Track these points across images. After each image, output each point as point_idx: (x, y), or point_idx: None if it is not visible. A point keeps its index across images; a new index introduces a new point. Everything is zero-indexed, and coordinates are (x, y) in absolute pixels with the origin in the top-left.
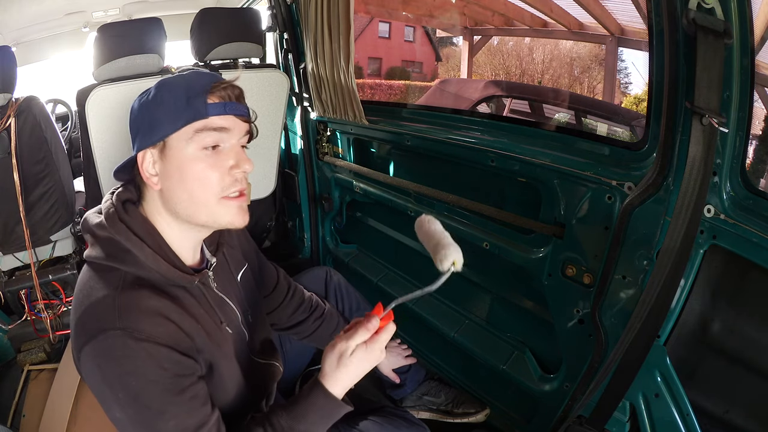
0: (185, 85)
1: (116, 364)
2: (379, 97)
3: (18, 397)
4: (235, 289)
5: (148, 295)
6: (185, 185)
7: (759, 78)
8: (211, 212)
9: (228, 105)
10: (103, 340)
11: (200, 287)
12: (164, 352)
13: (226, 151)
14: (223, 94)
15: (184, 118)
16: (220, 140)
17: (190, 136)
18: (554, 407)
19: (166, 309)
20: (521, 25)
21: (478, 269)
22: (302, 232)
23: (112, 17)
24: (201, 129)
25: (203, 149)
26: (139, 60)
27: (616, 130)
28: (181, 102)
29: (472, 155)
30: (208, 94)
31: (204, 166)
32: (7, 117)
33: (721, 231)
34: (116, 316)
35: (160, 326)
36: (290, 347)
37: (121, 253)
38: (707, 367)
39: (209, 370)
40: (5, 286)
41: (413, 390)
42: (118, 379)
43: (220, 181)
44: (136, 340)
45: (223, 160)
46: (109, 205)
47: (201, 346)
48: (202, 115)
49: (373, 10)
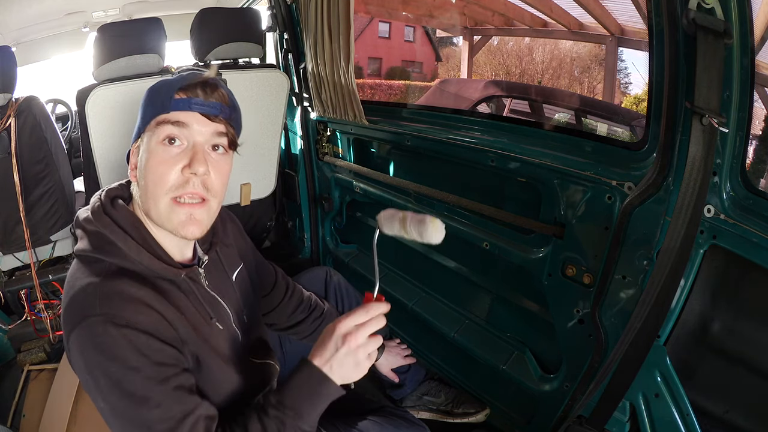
0: (169, 82)
1: (97, 351)
2: (379, 97)
3: (18, 397)
4: (228, 289)
5: (130, 283)
6: (144, 179)
7: (759, 78)
8: (159, 212)
9: (194, 101)
10: (86, 327)
11: (189, 282)
12: (144, 339)
13: (185, 148)
14: (194, 91)
15: (151, 112)
16: (177, 135)
17: (153, 129)
18: (554, 407)
19: (149, 297)
20: (521, 25)
21: (478, 269)
22: (302, 232)
23: (112, 17)
24: (161, 122)
25: (161, 143)
26: (139, 60)
27: (616, 130)
28: (155, 97)
29: (472, 155)
30: (179, 90)
31: (158, 160)
32: (7, 117)
33: (721, 231)
34: (97, 303)
35: (141, 313)
36: (290, 347)
37: (106, 245)
38: (707, 367)
39: (196, 364)
40: (5, 286)
41: (413, 390)
42: (99, 366)
43: (169, 179)
44: (116, 326)
45: (177, 158)
46: (96, 200)
47: (186, 338)
48: (165, 109)
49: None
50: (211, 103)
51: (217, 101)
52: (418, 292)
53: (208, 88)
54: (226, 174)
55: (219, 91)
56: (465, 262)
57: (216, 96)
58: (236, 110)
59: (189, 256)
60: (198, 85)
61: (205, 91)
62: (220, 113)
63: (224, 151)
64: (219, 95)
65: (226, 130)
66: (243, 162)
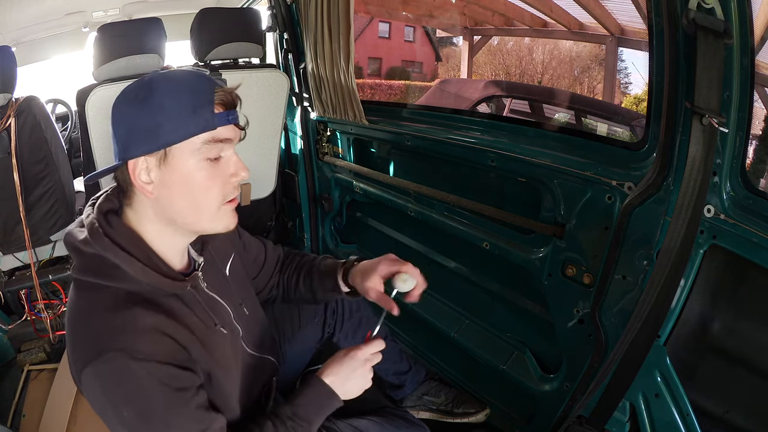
0: (188, 90)
1: (118, 385)
2: (379, 97)
3: (18, 397)
4: (225, 285)
5: (142, 313)
6: (188, 194)
7: (759, 78)
8: (212, 218)
9: (231, 114)
10: (103, 363)
11: (192, 291)
12: (164, 369)
13: (225, 159)
14: (226, 102)
15: (192, 128)
16: (222, 150)
17: (198, 147)
18: (554, 407)
19: (162, 324)
20: (521, 25)
21: (478, 269)
22: (302, 232)
23: (112, 17)
24: (209, 140)
25: (208, 160)
26: (139, 60)
27: (616, 130)
28: (187, 110)
29: (472, 155)
30: (217, 104)
31: (206, 176)
32: (7, 117)
33: (721, 231)
34: (113, 337)
35: (158, 343)
36: (289, 347)
37: (110, 269)
38: (707, 367)
39: (208, 378)
40: (5, 286)
41: (413, 390)
42: (123, 399)
43: (222, 190)
44: (136, 360)
45: (225, 170)
46: (91, 220)
47: (197, 357)
48: (211, 127)
49: (373, 10)
50: (236, 111)
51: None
52: None
53: (234, 97)
54: None
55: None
56: (465, 262)
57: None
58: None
59: (186, 261)
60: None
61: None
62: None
63: None
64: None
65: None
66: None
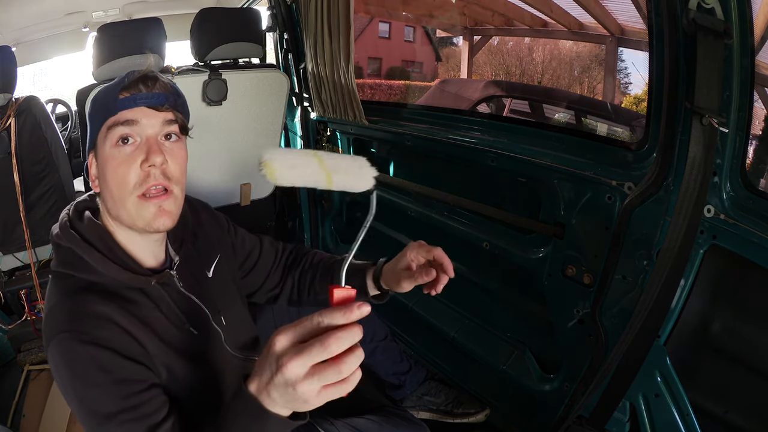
0: (110, 87)
1: (66, 367)
2: (379, 97)
3: (18, 397)
4: (206, 287)
5: (96, 300)
6: (107, 184)
7: (759, 78)
8: (129, 213)
9: (138, 96)
10: (56, 345)
11: (159, 288)
12: (107, 356)
13: (139, 144)
14: (136, 87)
15: (99, 118)
16: (129, 133)
17: (105, 134)
18: (554, 407)
19: (113, 313)
20: (521, 25)
21: (478, 269)
22: (302, 232)
23: (112, 17)
24: (111, 125)
25: (116, 145)
26: (140, 60)
27: (616, 130)
28: (101, 104)
29: (472, 155)
30: (121, 90)
31: (116, 163)
32: (7, 117)
33: (721, 231)
34: (65, 320)
35: (104, 329)
36: None
37: (75, 260)
38: (707, 367)
39: (169, 374)
40: (5, 286)
41: (413, 390)
42: (69, 383)
43: (131, 178)
44: (81, 342)
45: (134, 155)
46: (64, 215)
47: (154, 351)
48: (112, 112)
49: (373, 10)
50: (154, 94)
51: (160, 91)
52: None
53: (149, 81)
54: (183, 160)
55: (160, 82)
56: (465, 262)
57: (158, 87)
58: (180, 96)
59: (162, 259)
60: (138, 81)
61: (146, 85)
62: (165, 102)
63: (177, 138)
64: (161, 86)
65: (175, 117)
66: (243, 162)
